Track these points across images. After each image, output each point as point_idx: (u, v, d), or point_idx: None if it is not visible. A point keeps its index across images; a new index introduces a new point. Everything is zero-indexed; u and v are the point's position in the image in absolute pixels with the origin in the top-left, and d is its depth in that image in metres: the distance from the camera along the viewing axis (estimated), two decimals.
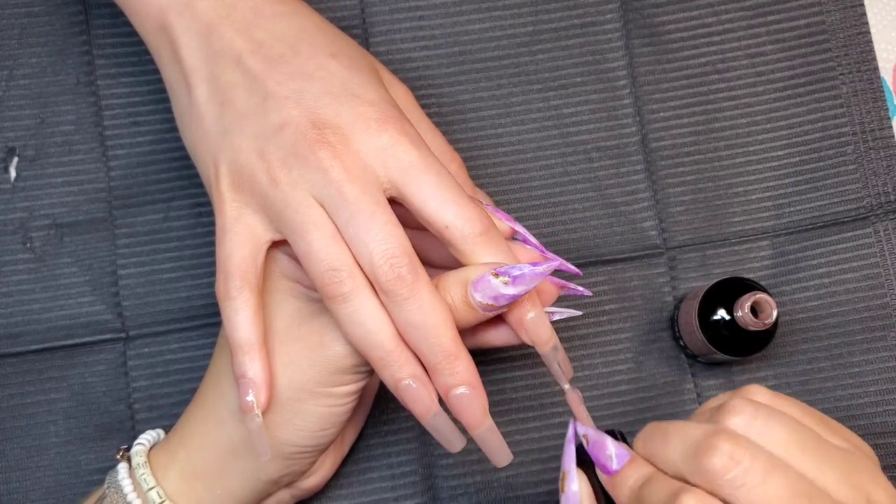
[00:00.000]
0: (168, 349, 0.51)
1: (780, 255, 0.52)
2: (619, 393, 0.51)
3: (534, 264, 0.41)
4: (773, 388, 0.51)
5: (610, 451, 0.39)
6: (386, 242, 0.40)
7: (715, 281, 0.48)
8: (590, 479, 0.40)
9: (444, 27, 0.54)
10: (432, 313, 0.40)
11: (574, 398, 0.44)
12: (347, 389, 0.43)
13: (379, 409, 0.51)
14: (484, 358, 0.51)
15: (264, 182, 0.41)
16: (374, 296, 0.40)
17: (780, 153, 0.54)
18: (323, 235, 0.40)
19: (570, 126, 0.54)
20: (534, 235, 0.52)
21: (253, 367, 0.41)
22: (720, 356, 0.48)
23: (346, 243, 0.40)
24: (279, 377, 0.42)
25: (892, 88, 0.55)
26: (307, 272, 0.41)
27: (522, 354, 0.51)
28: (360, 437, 0.50)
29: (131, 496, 0.43)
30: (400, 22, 0.54)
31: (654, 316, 0.52)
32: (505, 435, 0.50)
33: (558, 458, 0.51)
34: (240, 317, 0.42)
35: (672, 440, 0.37)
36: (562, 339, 0.51)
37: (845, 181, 0.53)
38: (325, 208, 0.40)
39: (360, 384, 0.43)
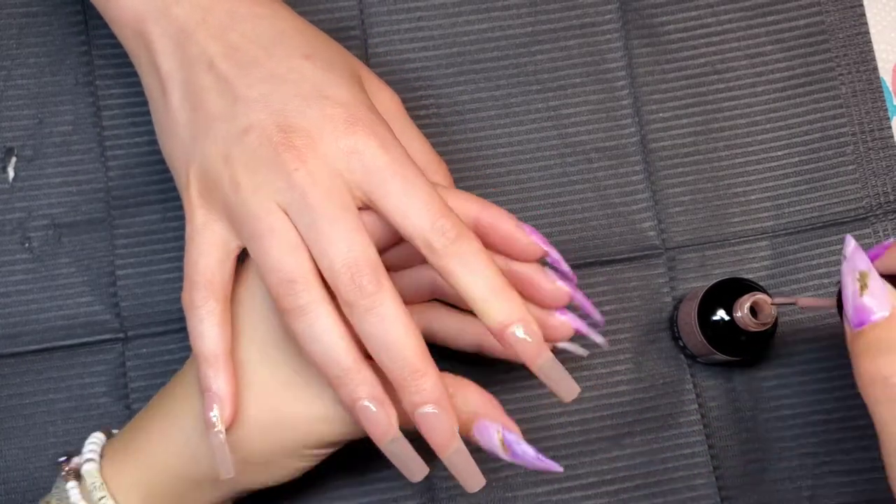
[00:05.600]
0: (166, 349, 0.51)
1: (780, 256, 0.52)
2: (619, 393, 0.51)
3: (537, 454, 0.41)
4: (773, 388, 0.51)
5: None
6: (348, 251, 0.38)
7: (714, 281, 0.48)
8: None
9: (443, 28, 0.54)
10: (395, 326, 0.38)
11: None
12: (325, 452, 0.43)
13: None
14: (481, 358, 0.51)
15: (227, 187, 0.40)
16: (334, 310, 0.39)
17: (779, 153, 0.54)
18: (280, 243, 0.39)
19: (569, 127, 0.54)
20: None
21: (218, 380, 0.40)
22: (720, 357, 0.48)
23: (309, 251, 0.39)
24: (250, 432, 0.41)
25: (891, 89, 0.55)
26: (263, 282, 0.39)
27: None
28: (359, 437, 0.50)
29: None
30: (399, 23, 0.54)
31: (654, 316, 0.52)
32: None
33: (557, 457, 0.51)
34: (204, 326, 0.41)
35: None
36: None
37: (845, 181, 0.53)
38: (288, 215, 0.39)
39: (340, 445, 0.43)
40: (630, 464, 0.50)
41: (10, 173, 0.52)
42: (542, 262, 0.43)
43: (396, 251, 0.43)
